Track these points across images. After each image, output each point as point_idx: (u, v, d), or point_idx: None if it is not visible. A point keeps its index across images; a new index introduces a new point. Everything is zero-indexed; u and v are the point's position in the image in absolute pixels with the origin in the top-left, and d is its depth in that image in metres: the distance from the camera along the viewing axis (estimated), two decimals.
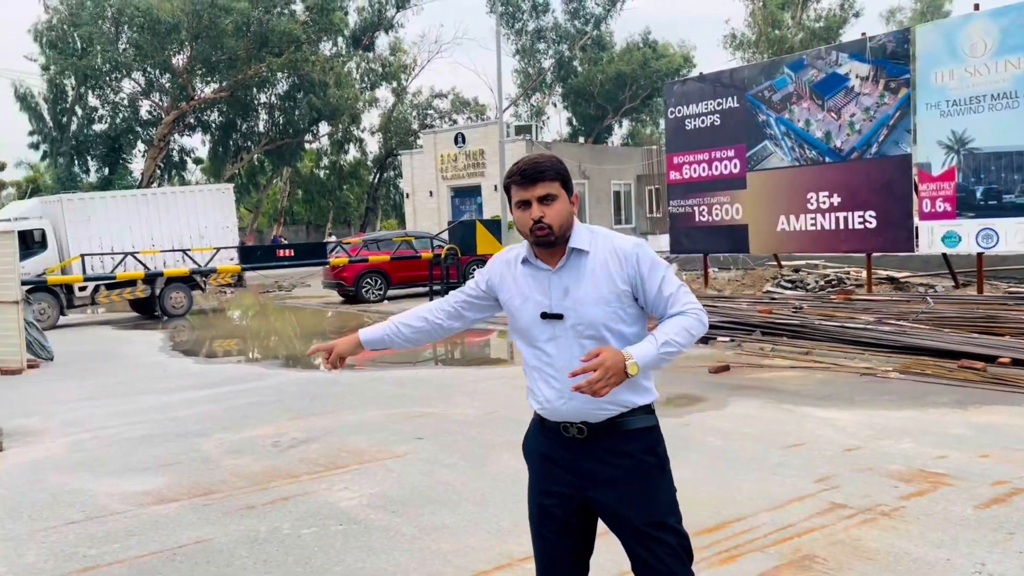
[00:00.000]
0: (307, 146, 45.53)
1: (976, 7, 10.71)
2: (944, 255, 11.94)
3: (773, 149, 12.86)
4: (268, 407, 7.96)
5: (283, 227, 49.81)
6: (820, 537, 4.11)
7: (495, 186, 25.97)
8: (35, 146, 38.52)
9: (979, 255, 10.86)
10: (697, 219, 14.01)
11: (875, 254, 12.35)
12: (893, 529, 4.16)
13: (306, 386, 9.19)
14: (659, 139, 43.00)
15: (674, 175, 14.39)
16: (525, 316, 2.39)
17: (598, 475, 2.35)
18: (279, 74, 37.91)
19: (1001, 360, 7.54)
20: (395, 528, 4.50)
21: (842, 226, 12.01)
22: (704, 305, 11.60)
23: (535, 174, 2.31)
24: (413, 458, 5.89)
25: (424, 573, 3.92)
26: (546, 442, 2.43)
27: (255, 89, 38.73)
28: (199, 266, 17.92)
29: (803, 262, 15.62)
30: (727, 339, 10.20)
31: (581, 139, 46.91)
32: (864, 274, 12.72)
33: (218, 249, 18.16)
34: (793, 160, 12.62)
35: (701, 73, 14.72)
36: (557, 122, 76.20)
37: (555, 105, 50.36)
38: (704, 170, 13.83)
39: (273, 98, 40.40)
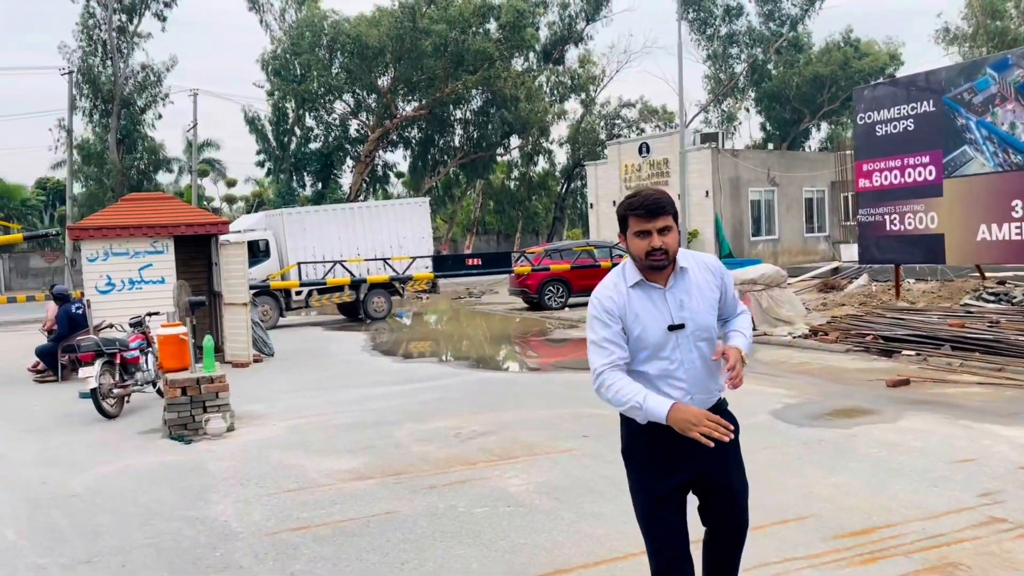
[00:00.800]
0: (498, 159, 47.32)
1: None
2: None
3: (973, 155, 12.17)
4: (454, 402, 8.72)
5: (475, 236, 52.00)
6: (970, 547, 4.15)
7: (678, 195, 25.90)
8: (261, 164, 42.77)
9: None
10: (888, 228, 13.48)
11: None
12: None
13: (488, 385, 9.91)
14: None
15: (864, 183, 13.93)
16: (653, 332, 2.74)
17: (709, 451, 2.70)
18: (473, 91, 39.79)
19: None
20: (556, 512, 4.99)
21: None
22: (890, 318, 11.27)
23: (657, 208, 2.70)
24: (578, 453, 6.36)
25: (579, 552, 4.37)
26: (663, 439, 2.73)
27: (451, 106, 40.85)
28: (397, 273, 19.41)
29: (1011, 274, 14.53)
30: (912, 353, 9.86)
31: (771, 145, 45.45)
32: None
33: (415, 258, 19.58)
34: (996, 166, 11.89)
35: (894, 77, 14.13)
36: (750, 128, 74.28)
37: (747, 110, 49.18)
38: (896, 177, 13.29)
39: (468, 114, 42.41)
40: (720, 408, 2.87)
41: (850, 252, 20.37)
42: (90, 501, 5.67)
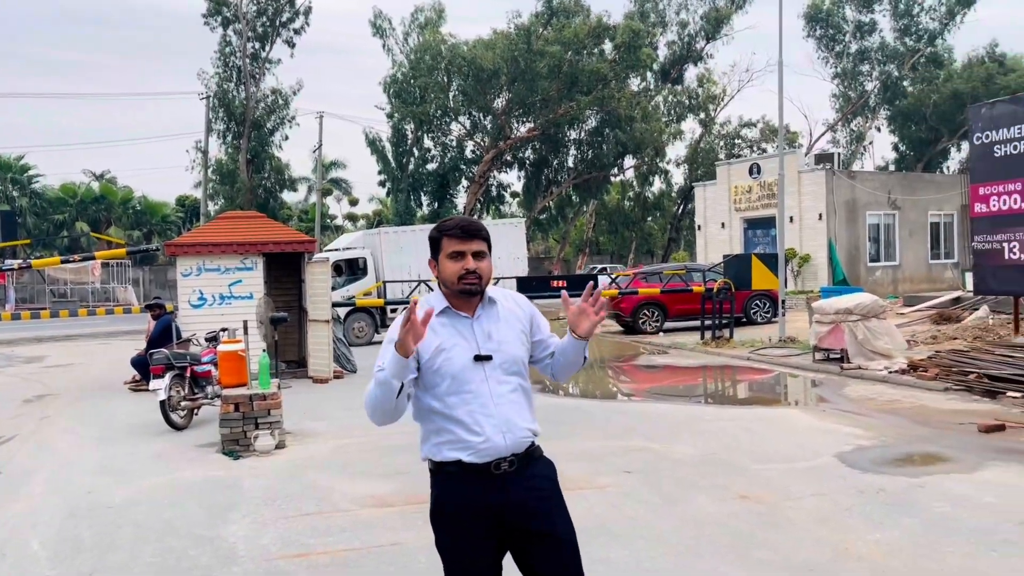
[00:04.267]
0: (612, 179, 46.96)
1: None
2: None
3: None
4: None
5: (587, 257, 51.72)
6: None
7: (791, 217, 24.81)
8: (382, 184, 44.16)
9: None
10: (1007, 257, 12.35)
11: None
12: None
13: (552, 412, 9.64)
14: None
15: (979, 207, 12.85)
16: (455, 362, 2.55)
17: (529, 505, 2.55)
18: (587, 111, 39.71)
19: None
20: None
21: None
22: (999, 354, 10.31)
23: (473, 231, 2.62)
24: (612, 491, 6.05)
25: None
26: (471, 493, 2.53)
27: (565, 126, 40.90)
28: None
29: None
30: (1018, 395, 8.93)
31: (900, 167, 43.00)
32: None
33: (498, 279, 19.56)
34: None
35: (1016, 94, 13.01)
36: (881, 148, 70.54)
37: (878, 129, 46.83)
38: (1016, 202, 12.18)
39: (582, 134, 42.33)
40: (533, 456, 2.62)
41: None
42: (121, 513, 5.84)
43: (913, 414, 8.68)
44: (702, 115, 46.48)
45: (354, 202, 59.92)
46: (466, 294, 2.62)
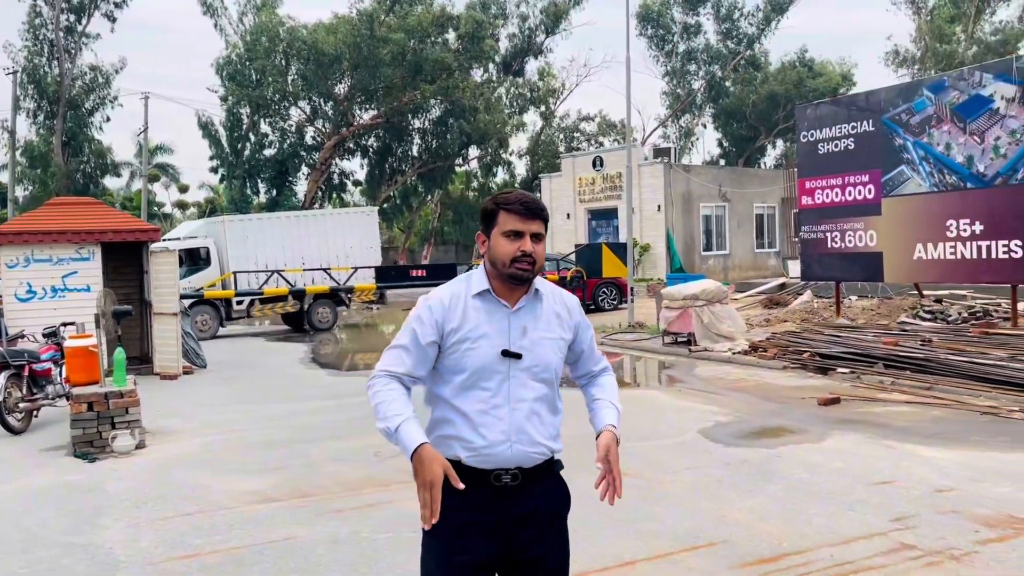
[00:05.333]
0: (457, 169, 47.17)
1: None
2: None
3: (910, 174, 12.28)
4: None
5: (433, 247, 51.72)
6: (879, 575, 4.04)
7: (632, 209, 25.95)
8: (214, 170, 42.02)
9: None
10: (829, 245, 13.55)
11: None
12: (956, 574, 4.02)
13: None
14: None
15: (806, 200, 14.00)
16: (480, 355, 2.27)
17: (526, 527, 2.30)
18: (432, 100, 39.62)
19: None
20: None
21: (984, 256, 11.30)
22: (828, 335, 11.29)
23: (536, 209, 2.32)
24: None
25: None
26: (463, 501, 2.20)
27: (409, 115, 40.63)
28: (338, 283, 19.06)
29: (947, 292, 14.71)
30: (847, 370, 9.85)
31: (723, 161, 45.96)
32: (1013, 308, 11.86)
33: (356, 268, 19.25)
34: (932, 186, 12.01)
35: (836, 96, 14.26)
36: (706, 144, 75.20)
37: (705, 126, 49.70)
38: (837, 195, 13.38)
39: (426, 123, 42.22)
40: (550, 471, 2.37)
41: (797, 268, 20.54)
42: None
43: (759, 391, 9.37)
44: (543, 108, 47.58)
45: (184, 189, 56.78)
46: (516, 280, 2.30)
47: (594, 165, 28.65)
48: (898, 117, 12.38)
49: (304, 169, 42.04)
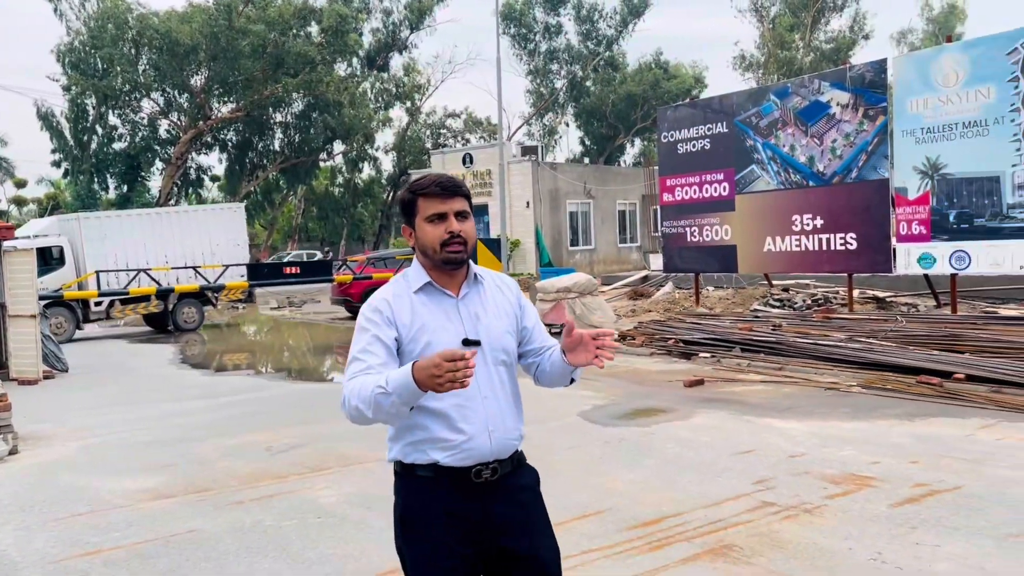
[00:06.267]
0: (322, 164, 46.39)
1: (949, 39, 11.17)
2: (926, 276, 12.30)
3: (760, 173, 13.32)
4: (267, 416, 8.48)
5: (297, 244, 50.62)
6: (743, 530, 4.57)
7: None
8: (57, 164, 39.45)
9: (953, 276, 11.27)
10: (689, 239, 14.47)
11: (863, 274, 12.78)
12: (810, 524, 4.61)
13: (306, 397, 9.72)
14: None
15: (667, 196, 14.88)
16: (442, 346, 2.16)
17: (512, 522, 2.27)
18: (294, 94, 38.80)
19: (956, 376, 7.95)
20: (367, 521, 4.99)
21: (824, 247, 12.45)
22: (690, 323, 12.09)
23: (453, 187, 2.26)
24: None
25: (386, 558, 4.39)
26: (447, 499, 2.21)
27: (271, 109, 39.63)
28: (208, 282, 18.54)
29: (793, 282, 16.01)
30: (708, 355, 10.64)
31: (587, 159, 47.50)
32: (849, 294, 13.11)
33: (227, 266, 18.78)
34: (779, 184, 13.09)
35: (693, 99, 15.23)
36: (569, 142, 77.28)
37: (567, 125, 51.08)
38: (695, 192, 14.31)
39: (289, 117, 41.31)
40: (517, 463, 2.34)
41: (658, 262, 21.67)
42: None
43: (631, 376, 9.99)
44: (408, 104, 47.54)
45: (20, 184, 52.92)
46: (450, 264, 2.26)
47: (464, 162, 29.03)
48: (749, 120, 13.40)
49: (159, 164, 40.20)
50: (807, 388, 8.57)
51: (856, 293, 12.87)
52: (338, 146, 44.54)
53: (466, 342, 2.22)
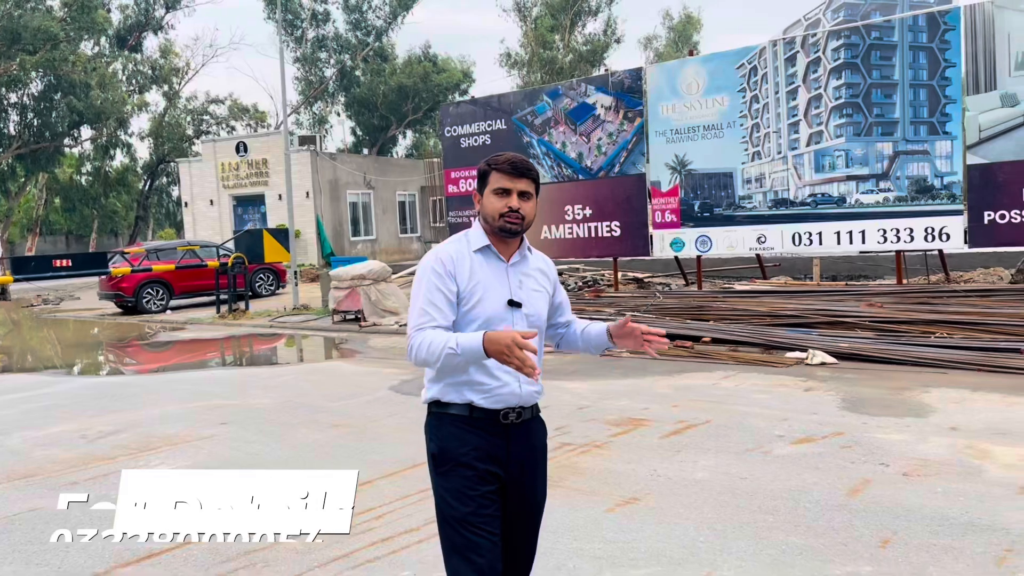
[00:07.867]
0: (67, 150, 42.67)
1: (691, 53, 12.99)
2: (676, 258, 14.17)
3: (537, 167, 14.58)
4: (65, 408, 8.31)
5: (39, 237, 46.14)
6: (551, 464, 5.50)
7: (279, 195, 26.22)
8: None
9: (698, 258, 13.17)
10: None
11: (625, 258, 14.44)
12: (600, 455, 5.67)
13: (101, 389, 9.53)
14: (440, 153, 44.67)
15: (452, 188, 15.81)
16: (488, 305, 2.55)
17: (525, 465, 2.64)
18: (33, 73, 35.46)
19: (704, 339, 9.54)
20: None
21: (593, 235, 13.97)
22: None
23: (523, 169, 2.59)
24: (221, 438, 6.71)
25: None
26: (478, 436, 2.56)
27: (4, 88, 35.94)
28: None
29: (566, 266, 17.60)
30: None
31: (366, 150, 47.61)
32: (615, 275, 14.79)
33: None
34: (553, 177, 14.43)
35: (473, 97, 16.27)
36: (341, 132, 76.39)
37: (338, 115, 50.66)
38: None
39: (26, 98, 37.65)
40: (536, 411, 2.74)
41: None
42: None
43: None
44: (166, 87, 44.93)
45: None
46: (506, 232, 2.58)
47: (237, 150, 28.26)
48: (525, 118, 14.64)
49: None
50: (586, 356, 9.83)
51: (620, 275, 14.52)
52: (86, 131, 41.24)
53: (510, 303, 2.59)
